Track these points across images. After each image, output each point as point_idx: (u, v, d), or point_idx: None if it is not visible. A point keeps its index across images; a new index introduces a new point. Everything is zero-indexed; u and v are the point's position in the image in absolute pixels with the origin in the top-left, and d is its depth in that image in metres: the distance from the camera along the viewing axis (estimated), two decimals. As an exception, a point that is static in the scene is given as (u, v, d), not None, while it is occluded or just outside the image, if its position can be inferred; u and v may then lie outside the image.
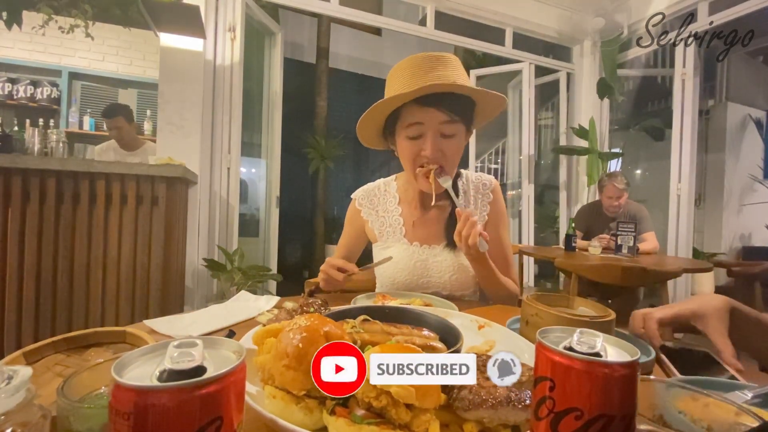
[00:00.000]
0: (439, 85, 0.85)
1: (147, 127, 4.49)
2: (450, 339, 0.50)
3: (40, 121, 4.09)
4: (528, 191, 3.94)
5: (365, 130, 1.03)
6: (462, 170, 1.13)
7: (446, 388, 0.39)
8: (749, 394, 0.44)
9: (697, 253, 3.82)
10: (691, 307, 0.63)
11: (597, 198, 3.11)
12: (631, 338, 0.66)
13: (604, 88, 3.71)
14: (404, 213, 1.10)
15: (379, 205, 1.12)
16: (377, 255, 1.11)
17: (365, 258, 1.15)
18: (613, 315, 0.61)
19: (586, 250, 2.69)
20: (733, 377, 0.55)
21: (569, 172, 4.16)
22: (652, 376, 0.36)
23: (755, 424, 0.29)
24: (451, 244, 1.03)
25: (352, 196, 1.15)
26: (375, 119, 0.98)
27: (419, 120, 0.90)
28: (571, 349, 0.29)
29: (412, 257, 1.04)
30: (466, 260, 0.98)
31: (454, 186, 1.02)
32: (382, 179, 1.19)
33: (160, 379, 0.24)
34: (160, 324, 0.69)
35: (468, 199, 1.09)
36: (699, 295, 0.63)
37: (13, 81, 4.16)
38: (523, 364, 0.43)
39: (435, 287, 1.04)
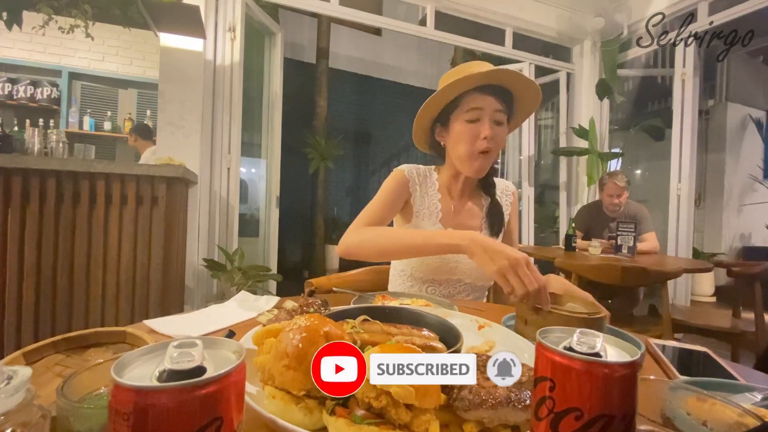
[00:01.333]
0: (496, 73, 0.97)
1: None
2: (450, 339, 0.50)
3: (40, 121, 4.10)
4: (528, 191, 3.94)
5: (422, 122, 1.10)
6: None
7: (446, 388, 0.39)
8: (759, 396, 0.44)
9: (697, 253, 3.83)
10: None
11: (597, 198, 3.11)
12: (624, 335, 0.66)
13: (603, 89, 3.71)
14: (443, 199, 1.13)
15: (423, 185, 1.13)
16: None
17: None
18: (604, 312, 0.61)
19: (586, 250, 2.69)
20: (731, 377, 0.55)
21: (569, 172, 4.16)
22: (652, 376, 0.36)
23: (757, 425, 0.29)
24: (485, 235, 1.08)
25: (401, 167, 1.13)
26: (435, 107, 1.06)
27: (479, 105, 1.00)
28: (571, 349, 0.29)
29: None
30: None
31: (488, 179, 1.13)
32: (421, 165, 1.18)
33: (159, 379, 0.24)
34: (160, 324, 0.69)
35: (499, 195, 1.16)
36: None
37: (13, 81, 4.16)
38: (523, 364, 0.43)
39: (461, 273, 1.07)
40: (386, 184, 1.10)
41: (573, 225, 2.92)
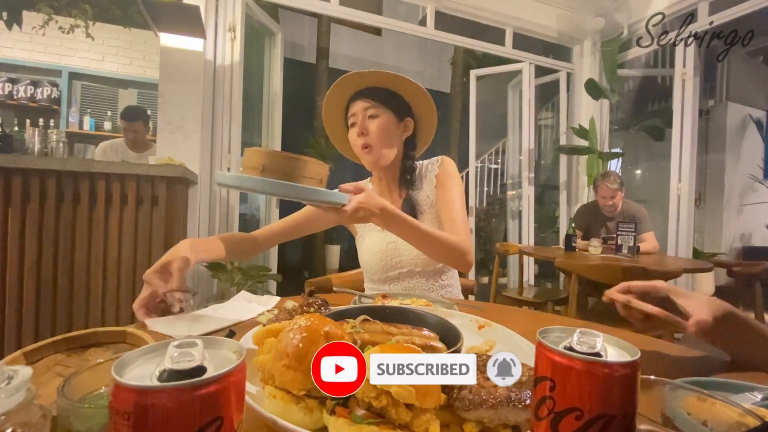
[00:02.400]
0: (353, 77, 1.08)
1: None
2: (450, 339, 0.50)
3: (40, 121, 4.10)
4: (528, 191, 3.94)
5: (335, 138, 1.26)
6: (419, 162, 1.22)
7: (446, 388, 0.39)
8: (759, 396, 0.44)
9: (697, 253, 3.82)
10: (678, 290, 0.60)
11: (595, 198, 3.12)
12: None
13: (594, 90, 3.69)
14: None
15: None
16: (359, 246, 1.24)
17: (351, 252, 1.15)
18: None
19: (586, 250, 2.69)
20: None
21: (569, 172, 4.15)
22: (652, 377, 0.36)
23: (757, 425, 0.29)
24: None
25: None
26: (335, 125, 1.22)
27: (353, 112, 1.11)
28: (571, 349, 0.29)
29: (384, 240, 1.15)
30: None
31: (404, 175, 1.18)
32: (362, 182, 1.26)
33: (160, 379, 0.24)
34: (160, 324, 0.69)
35: (419, 184, 1.19)
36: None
37: (13, 81, 4.16)
38: (523, 364, 0.43)
39: (408, 265, 1.13)
40: None
41: (573, 225, 2.92)
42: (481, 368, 0.42)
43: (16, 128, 4.06)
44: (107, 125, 4.51)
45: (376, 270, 1.15)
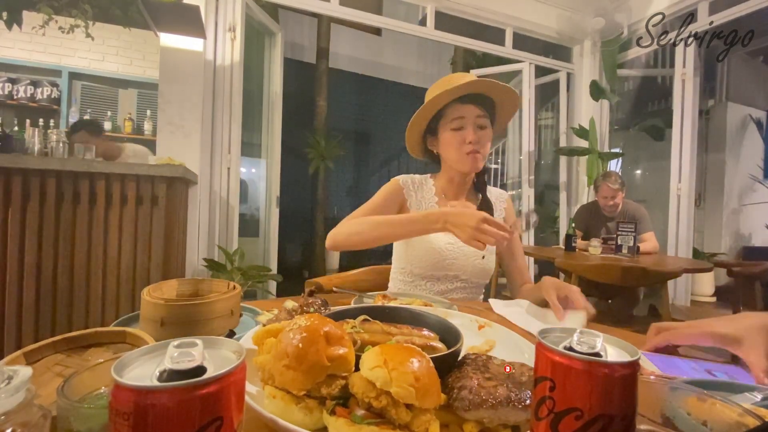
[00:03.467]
0: (473, 84, 1.07)
1: (147, 127, 4.50)
2: (450, 339, 0.50)
3: (40, 121, 4.09)
4: (528, 191, 3.94)
5: (413, 134, 1.19)
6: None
7: (446, 388, 0.39)
8: (759, 396, 0.44)
9: (697, 253, 3.82)
10: (724, 331, 0.57)
11: (595, 198, 3.12)
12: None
13: (596, 91, 3.70)
14: (440, 202, 1.21)
15: (419, 191, 1.22)
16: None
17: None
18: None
19: (586, 250, 2.69)
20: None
21: (569, 172, 4.16)
22: (652, 377, 0.36)
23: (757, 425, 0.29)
24: None
25: (397, 177, 1.23)
26: (422, 120, 1.16)
27: (462, 114, 1.10)
28: (571, 349, 0.29)
29: (445, 238, 1.14)
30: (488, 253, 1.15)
31: (480, 178, 1.22)
32: (416, 174, 1.27)
33: (160, 379, 0.24)
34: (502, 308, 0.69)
35: (490, 197, 1.24)
36: (732, 317, 0.60)
37: (13, 81, 4.16)
38: (523, 364, 0.43)
39: (458, 270, 1.14)
40: (380, 190, 1.20)
41: (573, 225, 2.92)
42: (482, 368, 0.42)
43: (16, 128, 4.06)
44: (107, 125, 4.51)
45: (425, 265, 1.14)
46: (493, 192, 1.27)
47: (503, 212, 1.27)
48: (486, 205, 1.20)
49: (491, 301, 0.91)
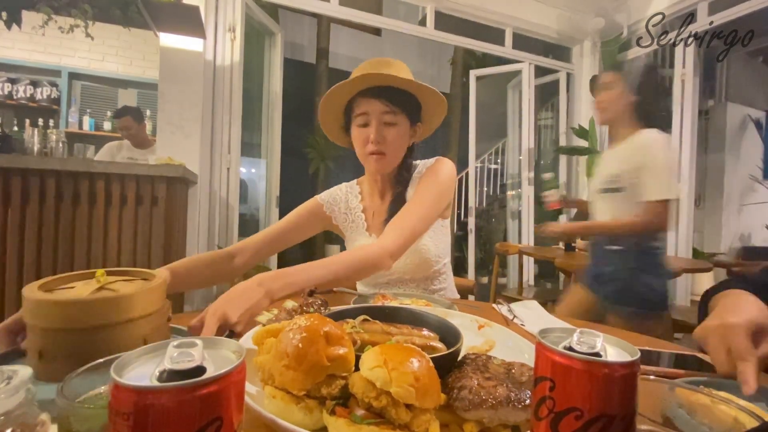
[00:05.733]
0: (373, 76, 0.97)
1: (147, 127, 4.49)
2: (450, 339, 0.50)
3: (40, 121, 4.10)
4: (528, 191, 3.93)
5: (327, 124, 1.15)
6: (418, 161, 1.16)
7: (446, 388, 0.39)
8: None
9: (697, 253, 3.82)
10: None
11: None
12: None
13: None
14: (366, 208, 1.18)
15: (341, 204, 1.20)
16: (349, 249, 1.19)
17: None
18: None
19: (586, 250, 2.68)
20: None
21: (569, 172, 4.15)
22: (652, 376, 0.36)
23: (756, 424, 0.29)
24: None
25: (316, 196, 1.21)
26: (332, 112, 1.10)
27: (365, 110, 1.02)
28: (571, 349, 0.29)
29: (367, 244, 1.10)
30: (419, 244, 1.06)
31: (401, 175, 1.11)
32: (344, 183, 1.25)
33: (159, 379, 0.24)
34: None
35: (412, 183, 1.13)
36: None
37: (13, 81, 4.15)
38: (523, 364, 0.43)
39: (397, 272, 1.10)
40: (298, 207, 1.18)
41: (573, 225, 2.92)
42: (482, 368, 0.42)
43: (15, 128, 4.06)
44: (107, 125, 4.51)
45: (370, 277, 1.12)
46: (420, 168, 1.14)
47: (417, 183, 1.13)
48: (396, 204, 1.07)
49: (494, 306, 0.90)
